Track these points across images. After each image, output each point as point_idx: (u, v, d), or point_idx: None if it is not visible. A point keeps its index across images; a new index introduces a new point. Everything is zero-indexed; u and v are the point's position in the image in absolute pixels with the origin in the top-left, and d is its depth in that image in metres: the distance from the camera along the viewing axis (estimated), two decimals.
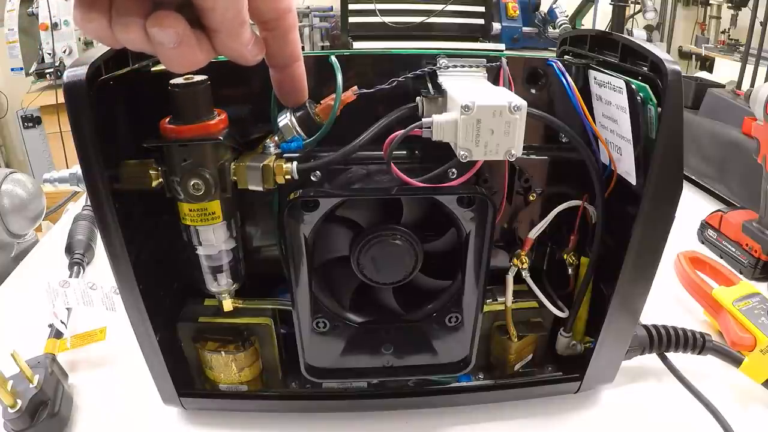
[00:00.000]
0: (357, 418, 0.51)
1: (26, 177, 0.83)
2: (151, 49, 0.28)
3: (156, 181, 0.38)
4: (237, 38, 0.30)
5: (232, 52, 0.31)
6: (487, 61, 0.41)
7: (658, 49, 0.38)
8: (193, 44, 0.29)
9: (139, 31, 0.28)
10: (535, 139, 0.45)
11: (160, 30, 0.27)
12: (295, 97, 0.38)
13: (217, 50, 0.30)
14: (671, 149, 0.38)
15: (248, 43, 0.31)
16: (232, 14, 0.28)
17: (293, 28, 0.34)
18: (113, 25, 0.28)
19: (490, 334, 0.52)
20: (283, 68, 0.36)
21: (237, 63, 0.32)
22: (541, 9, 1.69)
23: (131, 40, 0.28)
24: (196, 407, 0.51)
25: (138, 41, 0.28)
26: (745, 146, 0.84)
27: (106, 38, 0.28)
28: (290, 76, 0.36)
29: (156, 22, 0.27)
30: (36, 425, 0.46)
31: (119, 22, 0.27)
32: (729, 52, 2.69)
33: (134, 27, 0.27)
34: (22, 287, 0.74)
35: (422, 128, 0.36)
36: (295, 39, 0.34)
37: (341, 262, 0.44)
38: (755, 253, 0.72)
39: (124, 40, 0.28)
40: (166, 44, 0.28)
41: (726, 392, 0.53)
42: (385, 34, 1.33)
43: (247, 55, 0.31)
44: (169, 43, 0.28)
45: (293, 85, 0.37)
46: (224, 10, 0.28)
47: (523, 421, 0.51)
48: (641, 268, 0.43)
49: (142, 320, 0.42)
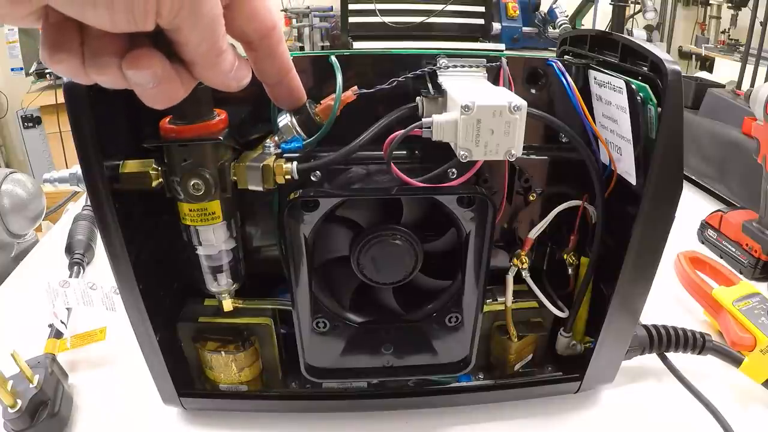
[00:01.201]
0: (357, 418, 0.51)
1: (26, 177, 0.83)
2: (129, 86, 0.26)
3: (156, 181, 0.38)
4: (215, 69, 0.28)
5: (214, 82, 0.29)
6: (487, 61, 0.41)
7: (658, 49, 0.38)
8: (173, 80, 0.27)
9: (116, 72, 0.25)
10: (535, 139, 0.45)
11: (137, 72, 0.25)
12: (292, 103, 0.37)
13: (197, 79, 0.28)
14: (671, 149, 0.38)
15: (229, 71, 0.29)
16: (206, 47, 0.26)
17: (280, 42, 0.32)
18: (87, 66, 0.25)
19: (490, 334, 0.52)
20: (277, 83, 0.34)
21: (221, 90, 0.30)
22: (541, 9, 1.69)
23: (108, 81, 0.26)
24: (196, 407, 0.51)
25: (116, 82, 0.26)
26: (745, 146, 0.84)
27: (80, 79, 0.26)
28: (285, 87, 0.35)
29: (132, 64, 0.25)
30: (36, 425, 0.46)
31: (94, 64, 0.25)
32: (729, 52, 2.69)
33: (110, 68, 0.25)
34: (22, 287, 0.74)
35: (422, 128, 0.36)
36: (284, 53, 0.32)
37: (341, 262, 0.44)
38: (755, 253, 0.72)
39: (100, 81, 0.26)
40: (145, 85, 0.26)
41: (726, 392, 0.53)
42: (385, 34, 1.33)
43: (230, 83, 0.29)
44: (148, 84, 0.26)
45: (289, 94, 0.35)
46: (198, 44, 0.26)
47: (523, 421, 0.51)
48: (641, 268, 0.43)
49: (142, 320, 0.42)
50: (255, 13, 0.29)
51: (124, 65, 0.25)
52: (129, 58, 0.25)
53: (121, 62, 0.25)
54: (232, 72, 0.29)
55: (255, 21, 0.29)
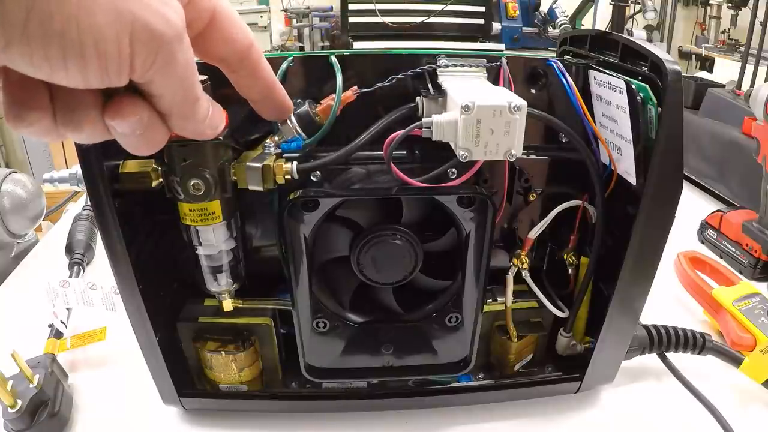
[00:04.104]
0: (357, 418, 0.51)
1: (26, 177, 0.83)
2: (108, 138, 0.25)
3: (156, 181, 0.38)
4: (192, 118, 0.26)
5: (189, 132, 0.27)
6: (487, 61, 0.41)
7: (658, 49, 0.38)
8: (157, 125, 0.25)
9: (94, 125, 0.23)
10: (535, 139, 0.45)
11: (122, 121, 0.23)
12: (280, 115, 0.36)
13: (172, 131, 0.27)
14: (671, 149, 0.38)
15: (205, 118, 0.27)
16: (181, 97, 0.25)
17: (260, 59, 0.30)
18: (60, 122, 0.23)
19: (490, 334, 0.52)
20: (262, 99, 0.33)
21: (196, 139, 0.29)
22: (541, 9, 1.69)
23: (84, 137, 0.24)
24: (196, 407, 0.51)
25: (92, 136, 0.24)
26: (745, 146, 0.84)
27: (51, 138, 0.23)
28: (271, 101, 0.33)
29: (116, 113, 0.23)
30: (36, 425, 0.46)
31: (69, 120, 0.23)
32: (729, 52, 2.69)
33: (88, 121, 0.23)
34: (22, 287, 0.74)
35: (422, 128, 0.36)
36: (265, 68, 0.31)
37: (341, 262, 0.44)
38: (755, 253, 0.72)
39: (75, 138, 0.24)
40: (130, 134, 0.24)
41: (726, 392, 0.53)
42: (385, 34, 1.33)
43: (205, 131, 0.28)
44: (135, 132, 0.24)
45: (275, 107, 0.34)
46: (173, 95, 0.24)
47: (523, 421, 0.51)
48: (641, 268, 0.43)
49: (142, 320, 0.42)
50: (230, 36, 0.28)
51: (107, 116, 0.23)
52: (111, 107, 0.23)
53: (102, 113, 0.23)
54: (207, 119, 0.27)
55: (232, 43, 0.29)
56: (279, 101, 0.34)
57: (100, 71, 0.21)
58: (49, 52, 0.19)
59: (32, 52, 0.19)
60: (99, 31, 0.20)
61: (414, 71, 0.40)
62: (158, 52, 0.22)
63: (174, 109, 0.25)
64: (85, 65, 0.20)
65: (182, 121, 0.26)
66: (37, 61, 0.20)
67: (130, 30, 0.20)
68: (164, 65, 0.22)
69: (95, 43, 0.20)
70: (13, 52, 0.19)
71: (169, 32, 0.22)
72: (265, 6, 2.69)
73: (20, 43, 0.19)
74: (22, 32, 0.19)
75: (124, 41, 0.21)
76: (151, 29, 0.21)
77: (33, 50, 0.19)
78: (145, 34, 0.21)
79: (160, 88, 0.24)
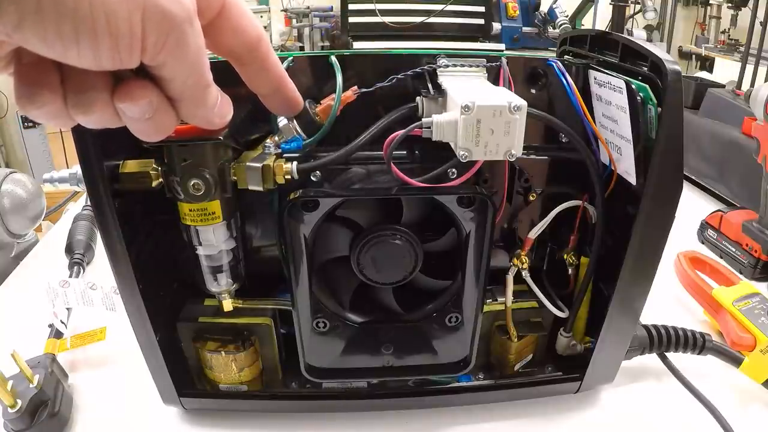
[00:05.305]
0: (357, 418, 0.51)
1: (26, 177, 0.83)
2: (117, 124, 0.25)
3: (156, 181, 0.38)
4: (202, 104, 0.26)
5: (199, 119, 0.27)
6: (487, 61, 0.41)
7: (658, 49, 0.38)
8: (166, 109, 0.25)
9: (104, 108, 0.23)
10: (535, 139, 0.45)
11: (132, 104, 0.24)
12: (290, 110, 0.35)
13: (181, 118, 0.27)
14: (671, 149, 0.38)
15: (214, 105, 0.27)
16: (193, 80, 0.25)
17: (269, 52, 0.30)
18: (71, 104, 0.23)
19: (490, 334, 0.52)
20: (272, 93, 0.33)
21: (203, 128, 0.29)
22: (541, 9, 1.69)
23: (93, 120, 0.24)
24: (196, 407, 0.51)
25: (101, 120, 0.24)
26: (745, 146, 0.84)
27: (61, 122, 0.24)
28: (280, 95, 0.33)
29: (126, 96, 0.23)
30: (36, 425, 0.46)
31: (78, 102, 0.23)
32: (729, 52, 2.69)
33: (97, 105, 0.23)
34: (22, 287, 0.74)
35: (422, 128, 0.36)
36: (275, 62, 0.31)
37: (341, 262, 0.44)
38: (755, 253, 0.72)
39: (84, 121, 0.24)
40: (140, 118, 0.24)
41: (726, 392, 0.53)
42: (385, 34, 1.34)
43: (214, 119, 0.28)
44: (145, 116, 0.24)
45: (285, 102, 0.34)
46: (185, 78, 0.24)
47: (523, 421, 0.51)
48: (641, 268, 0.43)
49: (142, 320, 0.42)
50: (240, 27, 0.28)
51: (116, 98, 0.23)
52: (121, 90, 0.23)
53: (112, 96, 0.23)
54: (216, 107, 0.27)
55: (242, 34, 0.28)
56: (289, 95, 0.34)
57: (111, 50, 0.21)
58: (62, 29, 0.20)
59: (45, 29, 0.19)
60: (111, 9, 0.20)
61: (414, 71, 0.40)
62: (169, 33, 0.22)
63: (185, 94, 0.25)
64: (97, 43, 0.20)
65: (193, 106, 0.26)
66: (51, 39, 0.20)
67: (142, 9, 0.21)
68: (175, 47, 0.23)
69: (107, 21, 0.20)
70: (27, 29, 0.19)
71: (180, 13, 0.22)
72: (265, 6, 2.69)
73: (34, 21, 0.19)
74: (36, 9, 0.19)
75: (136, 19, 0.21)
76: (162, 9, 0.21)
77: (46, 27, 0.19)
78: (157, 14, 0.21)
79: (172, 72, 0.24)
